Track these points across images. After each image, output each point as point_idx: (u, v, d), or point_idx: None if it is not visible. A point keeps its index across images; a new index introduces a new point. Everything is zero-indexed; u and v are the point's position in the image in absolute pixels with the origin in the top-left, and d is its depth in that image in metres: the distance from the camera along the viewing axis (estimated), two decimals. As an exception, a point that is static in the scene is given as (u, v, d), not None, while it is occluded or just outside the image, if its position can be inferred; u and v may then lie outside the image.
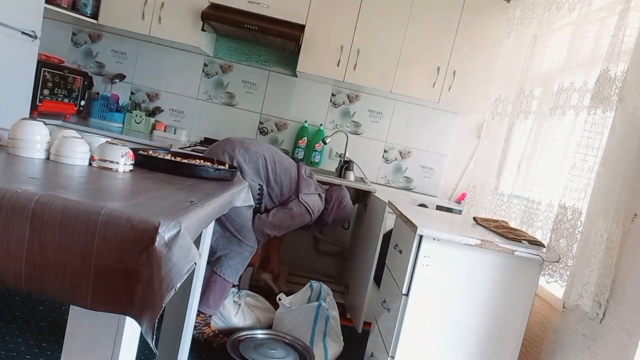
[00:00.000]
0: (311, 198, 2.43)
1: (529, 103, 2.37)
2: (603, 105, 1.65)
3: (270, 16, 3.02)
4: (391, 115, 3.51)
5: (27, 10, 2.46)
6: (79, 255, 0.80)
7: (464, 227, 1.92)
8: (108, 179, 1.13)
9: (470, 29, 3.08)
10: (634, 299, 1.41)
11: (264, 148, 2.37)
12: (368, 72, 3.09)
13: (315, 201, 2.45)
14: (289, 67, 3.46)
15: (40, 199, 0.80)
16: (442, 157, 3.54)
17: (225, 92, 3.48)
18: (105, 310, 0.80)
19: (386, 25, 3.08)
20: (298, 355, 2.21)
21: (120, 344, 0.89)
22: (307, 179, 2.46)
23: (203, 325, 2.24)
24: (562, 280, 1.73)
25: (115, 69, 3.44)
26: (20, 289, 0.81)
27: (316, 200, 2.46)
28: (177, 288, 0.80)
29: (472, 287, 1.70)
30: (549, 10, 2.31)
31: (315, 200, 2.45)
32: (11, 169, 1.02)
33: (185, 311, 1.74)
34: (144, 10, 3.04)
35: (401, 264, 1.79)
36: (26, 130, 1.20)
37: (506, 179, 2.53)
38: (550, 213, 1.96)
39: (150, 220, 0.80)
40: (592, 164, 1.67)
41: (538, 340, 1.88)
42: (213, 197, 1.22)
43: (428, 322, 1.70)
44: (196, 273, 1.75)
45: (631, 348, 1.37)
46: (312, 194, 2.45)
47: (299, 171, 2.46)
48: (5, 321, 2.09)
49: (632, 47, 1.56)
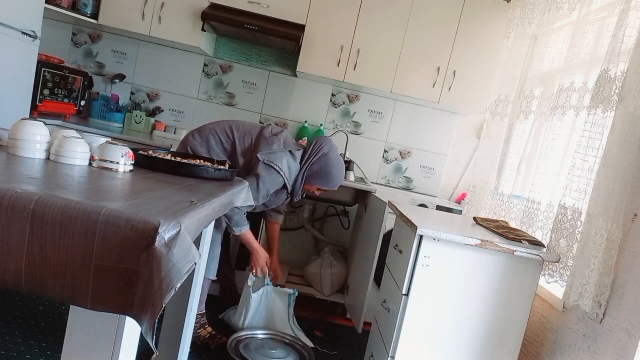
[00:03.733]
0: (276, 156, 2.09)
1: (529, 103, 2.37)
2: (603, 105, 1.65)
3: (270, 16, 3.02)
4: (391, 115, 3.51)
5: (27, 10, 2.45)
6: (79, 255, 0.80)
7: (464, 227, 1.92)
8: (108, 179, 1.13)
9: (470, 29, 3.08)
10: (633, 299, 1.41)
11: (218, 123, 2.18)
12: (368, 72, 3.09)
13: (282, 158, 2.10)
14: (289, 67, 3.46)
15: (40, 199, 0.80)
16: (442, 157, 3.54)
17: (225, 92, 3.48)
18: (105, 310, 0.80)
19: (386, 25, 3.08)
20: (298, 355, 2.21)
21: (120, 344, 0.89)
22: (269, 137, 2.15)
23: (198, 327, 2.23)
24: (562, 280, 1.73)
25: (115, 69, 3.44)
26: (20, 289, 0.81)
27: (283, 157, 2.11)
28: (177, 288, 0.80)
29: (472, 287, 1.70)
30: (549, 10, 2.31)
31: (281, 158, 2.10)
32: (11, 169, 1.02)
33: (185, 311, 1.74)
34: (144, 10, 3.04)
35: (401, 264, 1.79)
36: (26, 130, 1.20)
37: (506, 179, 2.53)
38: (550, 213, 1.96)
39: (150, 220, 0.80)
40: (592, 164, 1.67)
41: (538, 340, 1.88)
42: (213, 197, 1.22)
43: (428, 322, 1.70)
44: (196, 273, 1.75)
45: (631, 348, 1.37)
46: (277, 152, 2.11)
47: (260, 130, 2.18)
48: (5, 321, 2.09)
49: (632, 47, 1.56)
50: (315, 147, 2.21)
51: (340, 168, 2.26)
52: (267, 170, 2.07)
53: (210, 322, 2.30)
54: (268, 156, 2.08)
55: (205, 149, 2.12)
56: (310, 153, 2.20)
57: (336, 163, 2.23)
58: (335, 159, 2.23)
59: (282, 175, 2.11)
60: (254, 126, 2.23)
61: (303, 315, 2.87)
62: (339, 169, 2.25)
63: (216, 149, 2.13)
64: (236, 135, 2.15)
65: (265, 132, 2.16)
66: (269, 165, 2.07)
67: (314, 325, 2.75)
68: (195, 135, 2.17)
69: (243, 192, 1.65)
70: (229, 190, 1.43)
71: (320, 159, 2.20)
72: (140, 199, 0.96)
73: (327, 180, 2.24)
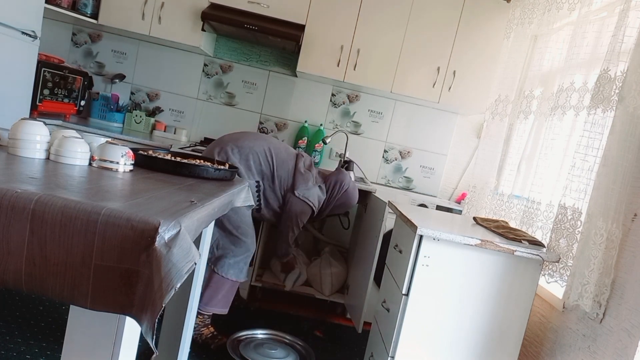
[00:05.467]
0: (310, 192, 2.37)
1: (529, 103, 2.37)
2: (603, 105, 1.65)
3: (270, 16, 3.02)
4: (391, 115, 3.51)
5: (27, 10, 2.45)
6: (79, 255, 0.80)
7: (464, 227, 1.92)
8: (108, 179, 1.13)
9: (470, 29, 3.08)
10: (633, 299, 1.41)
11: (257, 143, 2.31)
12: (368, 72, 3.09)
13: (315, 194, 2.39)
14: (289, 67, 3.46)
15: (40, 199, 0.80)
16: (442, 157, 3.54)
17: (225, 92, 3.48)
18: (105, 310, 0.80)
19: (386, 25, 3.08)
20: (298, 355, 2.21)
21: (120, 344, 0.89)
22: (304, 172, 2.37)
23: (202, 326, 2.23)
24: (562, 280, 1.73)
25: (115, 69, 3.44)
26: (21, 288, 0.81)
27: (315, 192, 2.39)
28: (177, 288, 0.80)
29: (472, 287, 1.70)
30: (549, 10, 2.31)
31: (314, 194, 2.39)
32: (11, 169, 1.01)
33: (185, 311, 1.74)
34: (144, 10, 3.04)
35: (401, 264, 1.79)
36: (26, 130, 1.20)
37: (506, 179, 2.53)
38: (550, 213, 1.96)
39: (150, 220, 0.80)
40: (592, 164, 1.67)
41: (538, 340, 1.88)
42: (213, 197, 1.22)
43: (428, 322, 1.70)
44: (196, 273, 1.75)
45: (631, 348, 1.37)
46: (311, 188, 2.38)
47: (296, 164, 2.38)
48: (5, 321, 2.09)
49: (632, 47, 1.56)
50: (337, 186, 2.49)
51: (356, 195, 2.58)
52: (301, 205, 2.35)
53: (212, 322, 2.30)
54: (304, 192, 2.34)
55: (244, 167, 2.23)
56: (334, 191, 2.49)
57: (354, 194, 2.55)
58: (353, 190, 2.54)
59: (313, 208, 2.40)
60: (289, 153, 2.40)
61: (303, 315, 2.87)
62: (356, 197, 2.58)
63: (254, 170, 2.26)
64: (275, 163, 2.30)
65: (300, 167, 2.37)
66: (303, 202, 2.35)
67: (314, 325, 2.75)
68: (234, 150, 2.24)
69: (243, 192, 1.65)
70: (229, 190, 1.43)
71: (342, 196, 2.50)
72: (140, 199, 0.96)
73: (346, 208, 2.58)
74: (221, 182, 1.54)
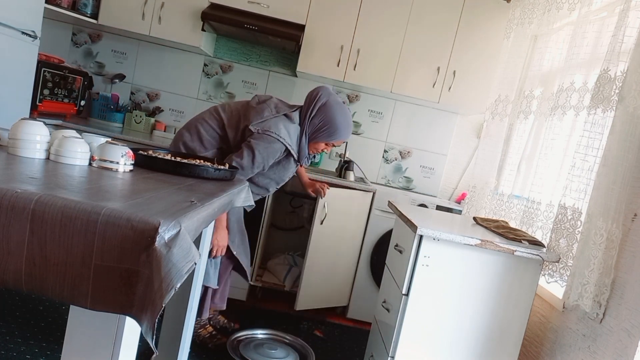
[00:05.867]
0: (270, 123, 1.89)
1: (529, 103, 2.37)
2: (603, 105, 1.65)
3: (270, 16, 3.02)
4: (391, 115, 3.51)
5: (27, 10, 2.45)
6: (79, 255, 0.79)
7: (464, 227, 1.92)
8: (108, 179, 1.13)
9: (470, 29, 3.08)
10: (633, 299, 1.41)
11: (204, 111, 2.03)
12: (368, 72, 3.09)
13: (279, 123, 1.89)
14: (289, 67, 3.46)
15: (40, 199, 0.80)
16: (442, 157, 3.54)
17: (225, 92, 3.48)
18: (105, 310, 0.80)
19: (386, 25, 3.08)
20: (298, 355, 2.21)
21: (120, 344, 0.89)
22: (257, 106, 1.95)
23: (199, 328, 2.23)
24: (562, 280, 1.73)
25: (115, 69, 3.44)
26: (20, 289, 0.81)
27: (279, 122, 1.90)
28: (177, 288, 0.80)
29: (472, 287, 1.70)
30: (549, 10, 2.31)
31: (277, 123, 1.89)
32: (11, 169, 1.01)
33: (185, 311, 1.74)
34: (144, 10, 3.04)
35: (401, 264, 1.79)
36: (26, 130, 1.20)
37: (506, 179, 2.53)
38: (550, 213, 1.96)
39: (150, 220, 0.80)
40: (592, 164, 1.67)
41: (538, 340, 1.88)
42: (213, 197, 1.22)
43: (428, 322, 1.70)
44: (196, 273, 1.75)
45: (631, 348, 1.37)
46: (270, 118, 1.90)
47: (247, 103, 2.00)
48: (5, 321, 2.09)
49: (632, 47, 1.56)
50: (311, 100, 1.97)
51: (344, 115, 2.00)
52: (262, 139, 1.85)
53: (211, 322, 2.31)
54: (260, 125, 1.87)
55: (197, 140, 1.94)
56: (308, 107, 1.96)
57: (338, 110, 1.98)
58: (336, 105, 1.99)
59: (281, 140, 1.88)
60: (241, 102, 2.04)
61: (303, 315, 2.87)
62: (344, 116, 2.00)
63: (207, 136, 1.94)
64: (224, 116, 1.95)
65: (252, 102, 1.97)
66: (263, 134, 1.85)
67: (314, 325, 2.75)
68: (183, 132, 1.99)
69: (243, 192, 1.65)
70: (229, 190, 1.43)
71: (319, 110, 1.96)
72: (140, 199, 0.96)
73: (332, 132, 1.99)
74: (221, 182, 1.54)
